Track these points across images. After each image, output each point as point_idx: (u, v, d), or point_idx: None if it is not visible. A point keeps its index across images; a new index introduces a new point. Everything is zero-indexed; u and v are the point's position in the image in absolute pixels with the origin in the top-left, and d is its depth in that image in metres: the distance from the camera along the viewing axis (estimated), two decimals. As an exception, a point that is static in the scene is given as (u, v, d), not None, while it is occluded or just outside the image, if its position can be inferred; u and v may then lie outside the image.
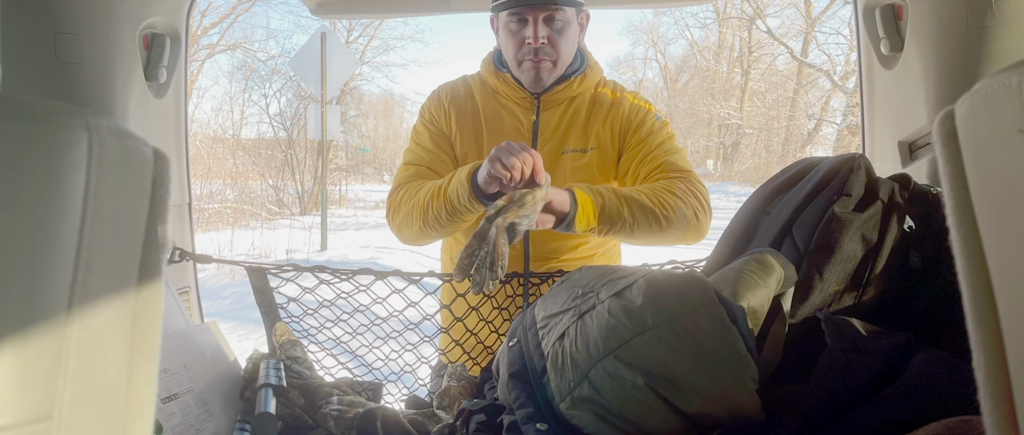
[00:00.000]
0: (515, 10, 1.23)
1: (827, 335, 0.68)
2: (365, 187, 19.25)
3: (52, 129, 0.29)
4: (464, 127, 1.33)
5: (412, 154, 1.35)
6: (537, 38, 1.23)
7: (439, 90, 1.39)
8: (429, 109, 1.37)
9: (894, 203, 0.81)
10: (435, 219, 1.17)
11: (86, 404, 0.31)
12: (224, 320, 4.36)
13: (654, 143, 1.28)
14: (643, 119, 1.31)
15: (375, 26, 17.22)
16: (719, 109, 21.12)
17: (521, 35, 1.25)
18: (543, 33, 1.23)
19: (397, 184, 1.32)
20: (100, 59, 1.10)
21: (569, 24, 1.25)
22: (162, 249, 0.37)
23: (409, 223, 1.22)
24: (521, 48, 1.25)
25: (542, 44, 1.23)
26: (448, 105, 1.35)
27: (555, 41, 1.24)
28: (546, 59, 1.25)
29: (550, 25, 1.23)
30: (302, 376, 1.04)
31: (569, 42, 1.27)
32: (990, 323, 0.30)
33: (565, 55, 1.27)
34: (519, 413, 0.71)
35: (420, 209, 1.19)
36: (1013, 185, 0.27)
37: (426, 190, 1.20)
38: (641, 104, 1.33)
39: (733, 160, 20.92)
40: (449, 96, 1.36)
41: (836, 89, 17.58)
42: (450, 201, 1.13)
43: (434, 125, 1.35)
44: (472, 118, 1.34)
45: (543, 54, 1.24)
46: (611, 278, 0.78)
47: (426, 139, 1.34)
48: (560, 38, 1.25)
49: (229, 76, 26.16)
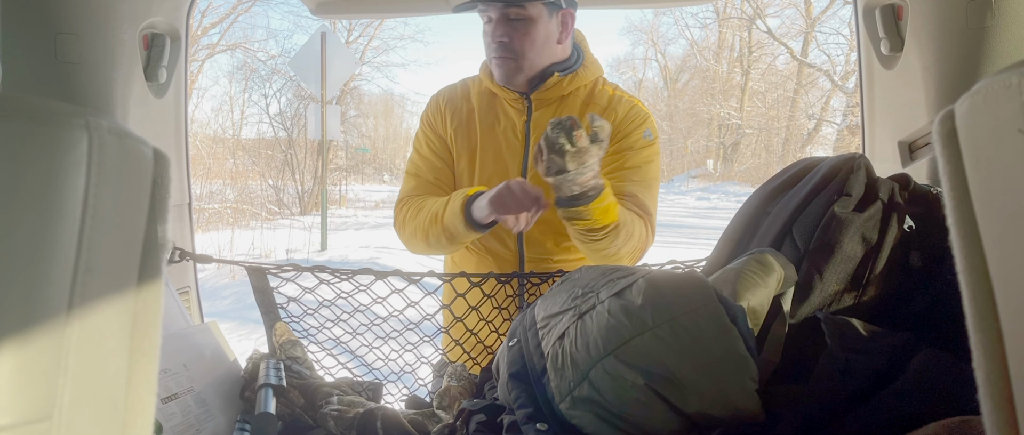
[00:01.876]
0: (480, 9, 1.24)
1: (827, 335, 0.68)
2: (365, 187, 19.25)
3: (52, 129, 0.29)
4: (459, 129, 1.34)
5: (412, 164, 1.38)
6: (495, 36, 1.23)
7: (438, 93, 1.40)
8: (427, 115, 1.38)
9: (894, 203, 0.81)
10: (437, 242, 1.23)
11: (86, 404, 0.31)
12: (224, 320, 4.36)
13: (630, 163, 1.26)
14: (631, 130, 1.28)
15: (375, 26, 17.22)
16: (719, 109, 21.12)
17: (488, 32, 1.26)
18: (500, 31, 1.22)
19: (401, 196, 1.35)
20: (100, 59, 1.10)
21: (534, 22, 1.22)
22: (162, 249, 0.37)
23: (414, 241, 1.29)
24: (489, 46, 1.26)
25: (502, 41, 1.22)
26: (445, 108, 1.36)
27: (516, 39, 1.22)
28: (506, 57, 1.24)
29: (509, 22, 1.22)
30: (302, 376, 1.04)
31: (536, 40, 1.23)
32: (990, 323, 0.30)
33: (531, 54, 1.24)
34: (519, 413, 0.71)
35: (421, 232, 1.24)
36: (1013, 185, 0.27)
37: (425, 213, 1.24)
38: (638, 113, 1.30)
39: (733, 160, 20.91)
40: (446, 99, 1.37)
41: (836, 89, 17.58)
42: (447, 229, 1.18)
43: (432, 131, 1.36)
44: (467, 120, 1.34)
45: (503, 51, 1.23)
46: (611, 278, 0.78)
47: (425, 148, 1.36)
48: (522, 36, 1.22)
49: (229, 76, 26.15)
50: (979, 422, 0.32)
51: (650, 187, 1.27)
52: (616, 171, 1.26)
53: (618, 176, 1.25)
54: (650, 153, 1.28)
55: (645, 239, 1.22)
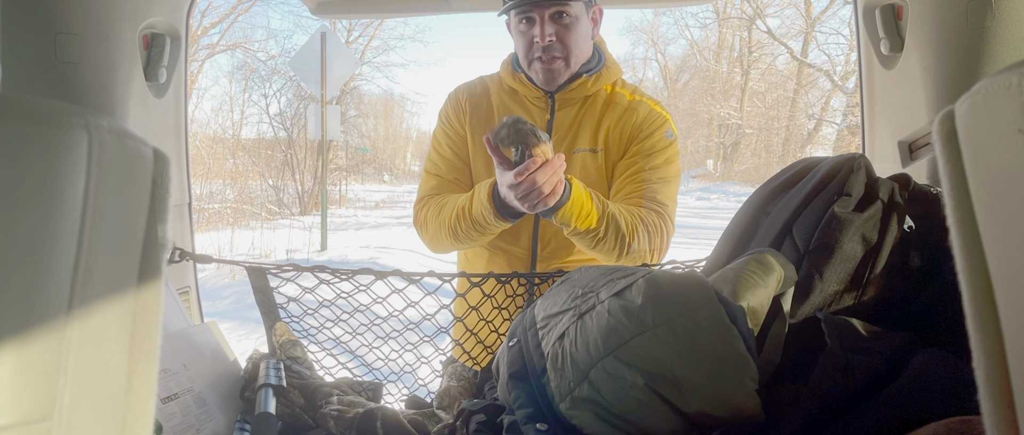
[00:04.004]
0: (521, 9, 1.23)
1: (827, 335, 0.68)
2: (365, 187, 19.26)
3: (52, 129, 0.29)
4: (477, 126, 1.33)
5: (431, 163, 1.37)
6: (544, 36, 1.22)
7: (458, 89, 1.40)
8: (447, 111, 1.38)
9: (894, 203, 0.81)
10: (466, 236, 1.22)
11: (86, 404, 0.31)
12: (224, 320, 4.36)
13: (650, 164, 1.27)
14: (653, 131, 1.29)
15: (375, 26, 17.23)
16: (719, 109, 21.12)
17: (530, 34, 1.24)
18: (549, 31, 1.22)
19: (421, 196, 1.35)
20: (100, 59, 1.09)
21: (578, 19, 1.24)
22: (162, 249, 0.37)
23: (440, 239, 1.28)
24: (531, 48, 1.25)
25: (550, 41, 1.22)
26: (465, 103, 1.36)
27: (564, 38, 1.23)
28: (557, 57, 1.24)
29: (558, 22, 1.23)
30: (302, 376, 1.04)
31: (579, 38, 1.25)
32: (990, 323, 0.30)
33: (577, 51, 1.26)
34: (519, 413, 0.71)
35: (448, 228, 1.24)
36: (1013, 185, 0.27)
37: (450, 209, 1.23)
38: (659, 114, 1.32)
39: (733, 160, 20.92)
40: (466, 94, 1.37)
41: (836, 89, 17.58)
42: (476, 221, 1.18)
43: (451, 128, 1.36)
44: (486, 116, 1.34)
45: (553, 51, 1.24)
46: (611, 278, 0.78)
47: (445, 147, 1.36)
48: (569, 34, 1.23)
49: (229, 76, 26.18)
50: (979, 422, 0.32)
51: (669, 184, 1.28)
52: (637, 173, 1.27)
53: (639, 178, 1.26)
54: (670, 153, 1.30)
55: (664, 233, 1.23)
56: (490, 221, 1.15)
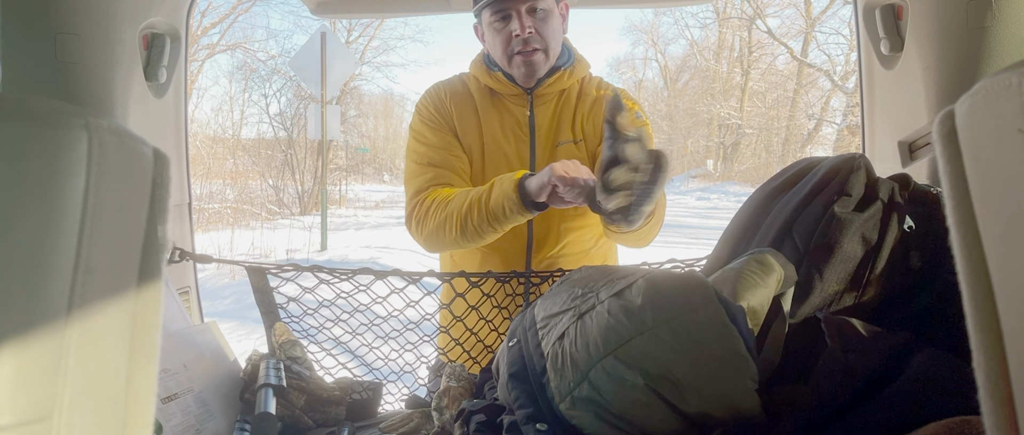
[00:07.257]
0: (497, 7, 1.24)
1: (827, 335, 0.68)
2: (365, 187, 19.26)
3: (52, 129, 0.29)
4: (466, 123, 1.33)
5: (420, 155, 1.31)
6: (524, 28, 1.23)
7: (437, 87, 1.38)
8: (429, 107, 1.35)
9: (894, 203, 0.81)
10: (475, 230, 1.17)
11: (86, 404, 0.31)
12: (224, 320, 4.36)
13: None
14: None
15: (375, 26, 17.23)
16: (719, 109, 21.11)
17: (507, 31, 1.25)
18: (528, 23, 1.23)
19: (416, 190, 1.28)
20: (100, 59, 1.09)
21: (551, 13, 1.26)
22: (162, 249, 0.37)
23: (442, 233, 1.22)
24: (509, 44, 1.25)
25: (530, 33, 1.23)
26: (449, 101, 1.34)
27: (542, 30, 1.25)
28: (537, 49, 1.25)
29: (533, 15, 1.24)
30: (302, 376, 1.04)
31: (554, 30, 1.27)
32: (990, 323, 0.30)
33: (553, 44, 1.27)
34: (519, 413, 0.71)
35: (457, 221, 1.18)
36: (1013, 185, 0.27)
37: (460, 201, 1.19)
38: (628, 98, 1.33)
39: (733, 160, 20.91)
40: (449, 92, 1.36)
41: (836, 89, 17.58)
42: (494, 213, 1.13)
43: (436, 123, 1.33)
44: (472, 115, 1.34)
45: (533, 43, 1.24)
46: (611, 278, 0.78)
47: (432, 136, 1.32)
48: (545, 27, 1.25)
49: (229, 76, 26.17)
50: (979, 422, 0.32)
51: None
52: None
53: None
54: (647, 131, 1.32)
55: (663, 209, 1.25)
56: (511, 214, 1.12)
